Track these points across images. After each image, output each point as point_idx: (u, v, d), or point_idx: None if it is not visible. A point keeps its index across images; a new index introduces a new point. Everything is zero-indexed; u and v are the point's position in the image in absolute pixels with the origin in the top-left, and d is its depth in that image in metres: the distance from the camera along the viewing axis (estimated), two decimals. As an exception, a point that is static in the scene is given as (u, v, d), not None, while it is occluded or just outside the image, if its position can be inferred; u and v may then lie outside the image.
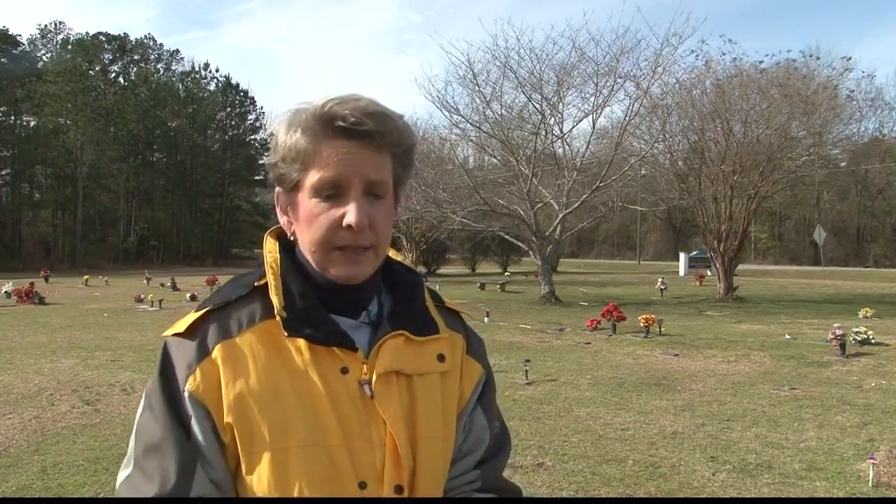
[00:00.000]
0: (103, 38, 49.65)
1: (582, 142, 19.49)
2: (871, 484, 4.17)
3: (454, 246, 37.27)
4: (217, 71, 54.28)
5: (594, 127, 18.73)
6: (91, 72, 46.37)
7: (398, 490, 0.88)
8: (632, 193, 21.73)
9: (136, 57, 52.17)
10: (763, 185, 19.21)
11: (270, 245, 0.98)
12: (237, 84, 53.74)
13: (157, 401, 0.89)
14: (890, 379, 7.46)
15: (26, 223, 45.07)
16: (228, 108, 53.82)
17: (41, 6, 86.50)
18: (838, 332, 8.85)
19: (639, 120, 18.55)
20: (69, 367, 7.82)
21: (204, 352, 0.89)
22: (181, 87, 52.33)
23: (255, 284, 0.95)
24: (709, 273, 26.19)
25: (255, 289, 0.95)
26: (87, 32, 49.55)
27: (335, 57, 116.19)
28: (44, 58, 48.51)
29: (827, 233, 34.64)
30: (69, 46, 47.98)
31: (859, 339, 9.34)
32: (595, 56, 17.51)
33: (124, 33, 51.03)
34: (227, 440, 0.88)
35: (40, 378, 7.19)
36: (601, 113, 18.46)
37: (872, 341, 9.45)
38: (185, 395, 0.88)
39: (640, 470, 4.46)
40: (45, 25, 49.82)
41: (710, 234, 19.84)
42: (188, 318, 0.92)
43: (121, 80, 51.04)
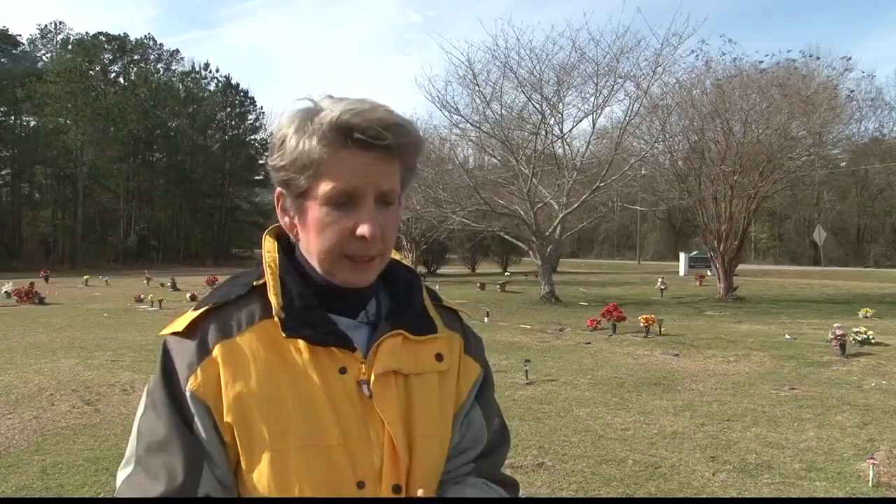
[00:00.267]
0: (103, 38, 49.67)
1: (582, 142, 19.54)
2: (871, 484, 4.17)
3: (454, 246, 37.23)
4: (217, 71, 54.40)
5: (594, 127, 18.78)
6: (91, 72, 46.42)
7: (396, 490, 0.88)
8: (632, 193, 21.71)
9: (136, 57, 52.20)
10: (763, 185, 19.21)
11: (269, 245, 0.97)
12: (237, 84, 53.97)
13: (159, 399, 0.88)
14: (890, 379, 7.46)
15: (26, 223, 45.13)
16: (228, 108, 53.91)
17: (41, 6, 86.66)
18: (838, 332, 8.85)
19: (639, 120, 18.55)
20: (69, 367, 7.82)
21: (204, 351, 0.89)
22: (181, 87, 52.40)
23: (254, 284, 0.95)
24: (709, 273, 26.17)
25: (254, 288, 0.94)
26: (87, 32, 49.70)
27: (335, 57, 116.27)
28: (44, 58, 48.60)
29: (827, 233, 34.59)
30: (69, 46, 48.01)
31: (859, 339, 9.33)
32: (595, 56, 17.53)
33: (124, 33, 51.18)
34: (228, 439, 0.88)
35: (40, 378, 7.19)
36: (601, 113, 18.50)
37: (872, 341, 9.44)
38: (187, 394, 0.87)
39: (640, 470, 4.46)
40: (45, 25, 50.03)
41: (710, 234, 19.84)
42: (187, 317, 0.92)
43: (121, 80, 51.13)
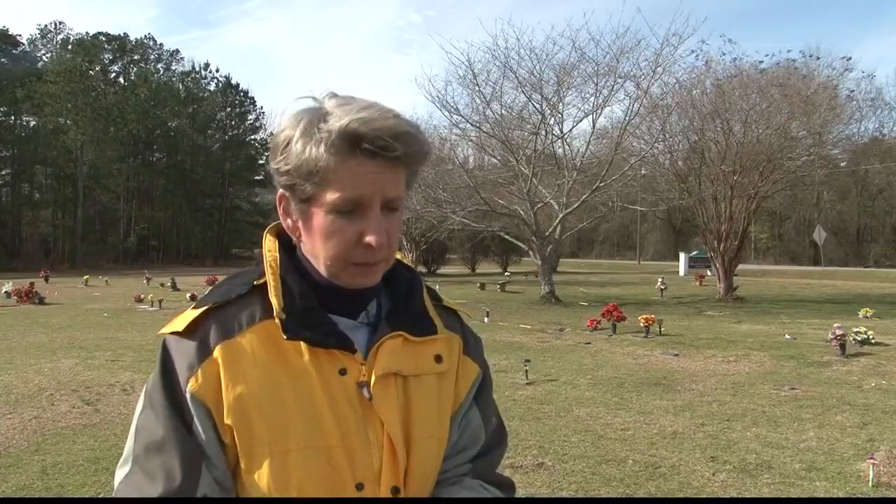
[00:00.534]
0: (103, 38, 49.68)
1: (582, 142, 19.53)
2: (871, 484, 4.17)
3: (454, 246, 37.23)
4: (217, 71, 54.41)
5: (594, 127, 18.76)
6: (91, 72, 46.42)
7: (395, 491, 0.88)
8: (632, 193, 21.71)
9: (136, 57, 52.21)
10: (763, 185, 19.20)
11: (270, 243, 0.97)
12: (237, 84, 53.97)
13: (158, 399, 0.88)
14: (890, 379, 7.46)
15: (26, 223, 45.13)
16: (228, 108, 53.91)
17: (41, 6, 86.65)
18: (838, 332, 8.84)
19: (639, 120, 18.54)
20: (69, 367, 7.81)
21: (205, 352, 0.88)
22: (181, 87, 52.41)
23: (255, 283, 0.94)
24: (709, 273, 26.16)
25: (255, 287, 0.94)
26: (87, 32, 49.73)
27: (335, 57, 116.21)
28: (44, 58, 48.61)
29: (827, 233, 34.62)
30: (69, 46, 48.03)
31: (859, 339, 9.32)
32: (595, 56, 17.52)
33: (124, 33, 51.20)
34: (228, 441, 0.88)
35: (40, 378, 7.19)
36: (601, 113, 18.49)
37: (872, 341, 9.44)
38: (187, 395, 0.87)
39: (640, 470, 4.46)
40: (45, 25, 50.05)
41: (710, 234, 19.83)
42: (187, 316, 0.91)
43: (121, 80, 51.14)
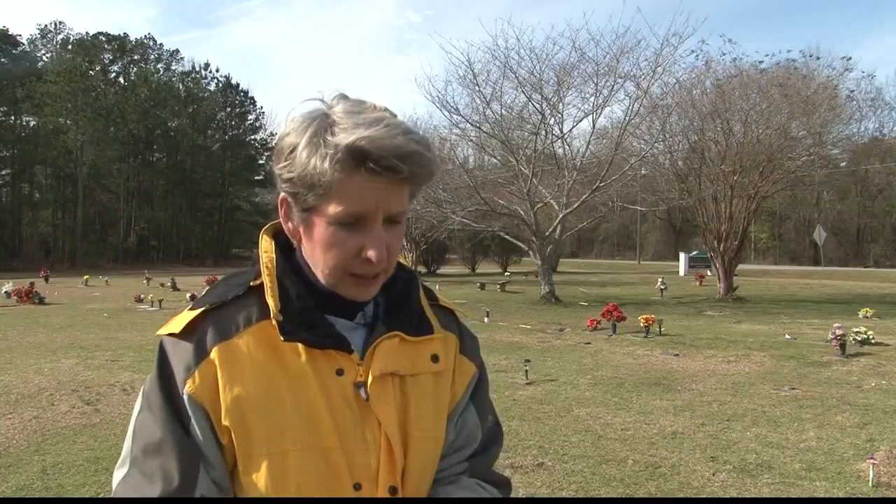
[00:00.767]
0: (103, 38, 49.70)
1: (582, 142, 19.53)
2: (871, 484, 4.17)
3: (454, 246, 37.23)
4: (217, 71, 54.44)
5: (594, 127, 18.76)
6: (91, 72, 46.45)
7: (392, 491, 0.89)
8: (632, 193, 21.71)
9: (136, 57, 52.22)
10: (763, 185, 19.20)
11: (266, 244, 0.96)
12: (237, 84, 53.98)
13: (156, 401, 0.88)
14: (890, 379, 7.46)
15: (26, 223, 45.14)
16: (228, 108, 53.92)
17: (41, 6, 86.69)
18: (838, 332, 8.84)
19: (639, 120, 18.54)
20: (69, 367, 7.81)
21: (202, 354, 0.88)
22: (181, 87, 52.42)
23: (251, 284, 0.94)
24: (709, 273, 26.16)
25: (251, 288, 0.93)
26: (87, 32, 49.75)
27: (335, 57, 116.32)
28: (44, 58, 48.61)
29: (827, 233, 34.62)
30: (69, 46, 48.05)
31: (859, 339, 9.33)
32: (595, 56, 17.53)
33: (124, 33, 51.23)
34: (226, 442, 0.88)
35: (40, 378, 7.19)
36: (601, 113, 18.48)
37: (872, 341, 9.44)
38: (184, 396, 0.87)
39: (640, 470, 4.46)
40: (45, 25, 50.07)
41: (710, 234, 19.83)
42: (184, 317, 0.91)
43: (121, 80, 51.15)
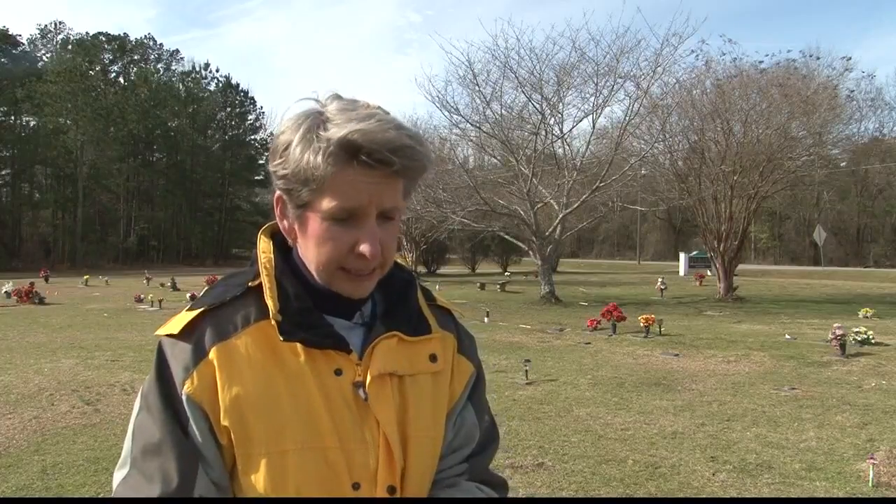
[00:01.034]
0: (103, 38, 49.70)
1: (582, 142, 19.53)
2: (871, 484, 4.17)
3: (454, 246, 37.24)
4: (217, 71, 54.44)
5: (594, 127, 18.76)
6: (91, 72, 46.43)
7: (391, 490, 0.89)
8: (632, 193, 21.72)
9: (136, 57, 52.22)
10: (763, 185, 19.20)
11: (264, 245, 0.97)
12: (237, 84, 53.97)
13: (154, 402, 0.88)
14: (890, 379, 7.46)
15: (26, 223, 45.14)
16: (228, 108, 53.93)
17: (41, 6, 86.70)
18: (838, 332, 8.84)
19: (639, 120, 18.55)
20: (69, 367, 7.81)
21: (200, 354, 0.89)
22: (181, 87, 52.42)
23: (250, 284, 0.94)
24: (709, 273, 26.17)
25: (250, 289, 0.94)
26: (87, 32, 49.75)
27: (335, 57, 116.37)
28: (44, 58, 48.60)
29: (827, 233, 34.59)
30: (69, 46, 48.04)
31: (859, 339, 9.33)
32: (595, 56, 17.53)
33: (124, 33, 51.24)
34: (224, 442, 0.88)
35: (40, 378, 7.19)
36: (601, 113, 18.49)
37: (872, 341, 9.44)
38: (182, 397, 0.87)
39: (640, 470, 4.46)
40: (45, 25, 50.05)
41: (710, 234, 19.83)
42: (182, 318, 0.91)
43: (121, 80, 51.15)
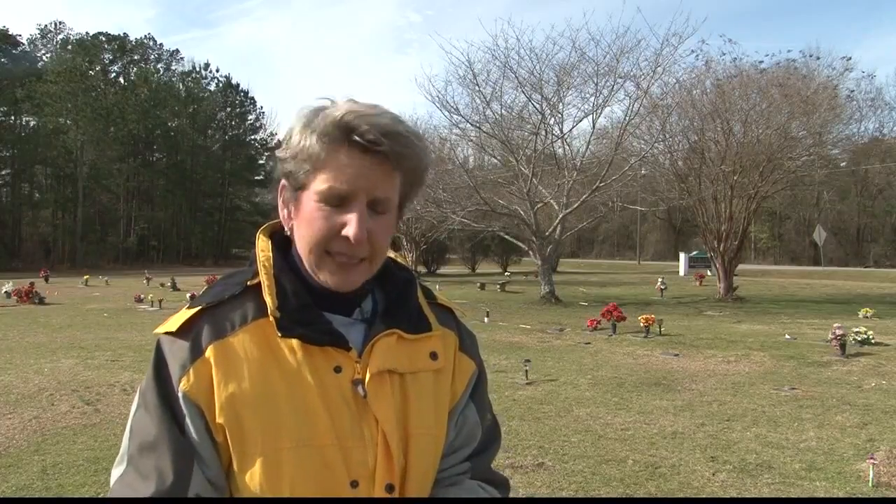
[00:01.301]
0: (103, 38, 49.71)
1: (582, 142, 19.55)
2: (871, 484, 4.17)
3: (454, 246, 37.26)
4: (217, 71, 54.44)
5: (594, 127, 18.78)
6: (91, 72, 46.44)
7: (389, 489, 0.89)
8: (632, 193, 21.72)
9: (136, 57, 52.23)
10: (763, 185, 19.21)
11: (263, 244, 0.97)
12: (237, 84, 53.98)
13: (151, 399, 0.89)
14: (890, 379, 7.46)
15: (26, 223, 45.13)
16: (228, 108, 53.93)
17: (41, 6, 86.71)
18: (838, 332, 8.84)
19: (639, 120, 18.56)
20: (69, 367, 7.81)
21: (197, 352, 0.89)
22: (181, 87, 52.43)
23: (248, 283, 0.95)
24: (709, 273, 26.17)
25: (248, 288, 0.94)
26: (87, 32, 49.76)
27: (335, 57, 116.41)
28: (44, 58, 48.60)
29: (827, 233, 34.59)
30: (69, 46, 48.04)
31: (859, 339, 9.33)
32: (595, 56, 17.54)
33: (124, 33, 51.24)
34: (220, 440, 0.88)
35: (40, 378, 7.19)
36: (601, 113, 18.51)
37: (872, 341, 9.44)
38: (179, 394, 0.88)
39: (640, 470, 4.46)
40: (45, 25, 50.07)
41: (710, 234, 19.83)
42: (181, 316, 0.92)
43: (121, 80, 51.14)
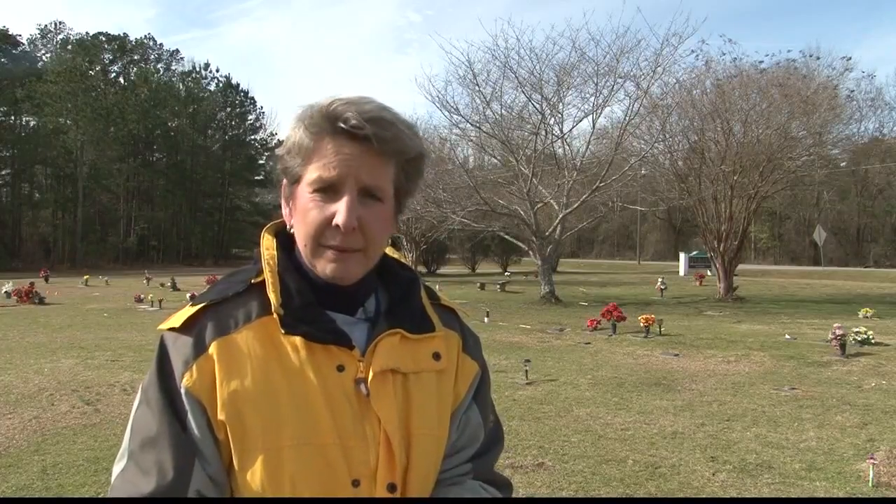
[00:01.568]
0: (103, 38, 49.70)
1: (582, 142, 19.56)
2: (871, 484, 4.17)
3: (454, 246, 37.26)
4: (217, 71, 54.45)
5: (594, 127, 18.79)
6: (91, 72, 46.43)
7: (391, 488, 0.88)
8: (632, 193, 21.73)
9: (136, 57, 52.21)
10: (763, 185, 19.21)
11: (268, 242, 0.98)
12: (237, 84, 53.97)
13: (153, 395, 0.89)
14: (890, 379, 7.46)
15: (26, 223, 45.12)
16: (228, 108, 53.93)
17: (41, 6, 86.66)
18: (838, 332, 8.84)
19: (639, 120, 18.56)
20: (69, 367, 7.81)
21: (200, 348, 0.89)
22: (181, 87, 52.42)
23: (252, 281, 0.95)
24: (709, 273, 26.18)
25: (252, 285, 0.94)
26: (87, 32, 49.73)
27: (335, 57, 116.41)
28: (44, 58, 48.58)
29: (827, 233, 34.61)
30: (69, 46, 48.03)
31: (859, 339, 9.33)
32: (595, 56, 17.56)
33: (124, 33, 51.22)
34: (222, 437, 0.88)
35: (40, 378, 7.19)
36: (601, 113, 18.52)
37: (872, 341, 9.45)
38: (181, 390, 0.88)
39: (640, 470, 4.46)
40: (45, 25, 50.03)
41: (710, 234, 19.84)
42: (185, 312, 0.92)
43: (121, 80, 51.13)
